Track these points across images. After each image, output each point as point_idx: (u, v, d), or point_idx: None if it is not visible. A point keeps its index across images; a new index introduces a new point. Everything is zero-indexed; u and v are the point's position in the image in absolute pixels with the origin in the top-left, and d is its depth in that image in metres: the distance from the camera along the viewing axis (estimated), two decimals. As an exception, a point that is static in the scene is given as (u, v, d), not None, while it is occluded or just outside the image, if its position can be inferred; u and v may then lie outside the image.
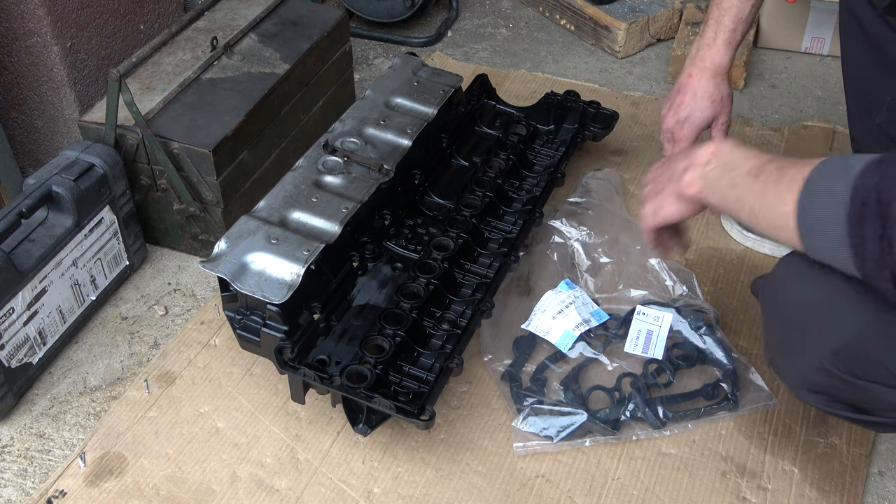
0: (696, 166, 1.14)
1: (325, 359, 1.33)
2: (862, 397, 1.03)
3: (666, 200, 1.20)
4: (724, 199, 1.09)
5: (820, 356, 1.01)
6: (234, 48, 1.77)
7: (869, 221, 0.88)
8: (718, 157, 1.11)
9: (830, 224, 0.92)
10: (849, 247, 0.90)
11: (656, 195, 1.22)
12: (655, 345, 1.44)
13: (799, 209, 0.95)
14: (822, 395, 1.07)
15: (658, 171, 1.25)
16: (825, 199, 0.93)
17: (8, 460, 1.37)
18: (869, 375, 0.99)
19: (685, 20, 2.26)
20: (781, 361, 1.11)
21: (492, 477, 1.32)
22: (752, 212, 1.03)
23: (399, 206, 1.56)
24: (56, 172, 1.47)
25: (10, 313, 1.37)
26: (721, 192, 1.09)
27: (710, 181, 1.11)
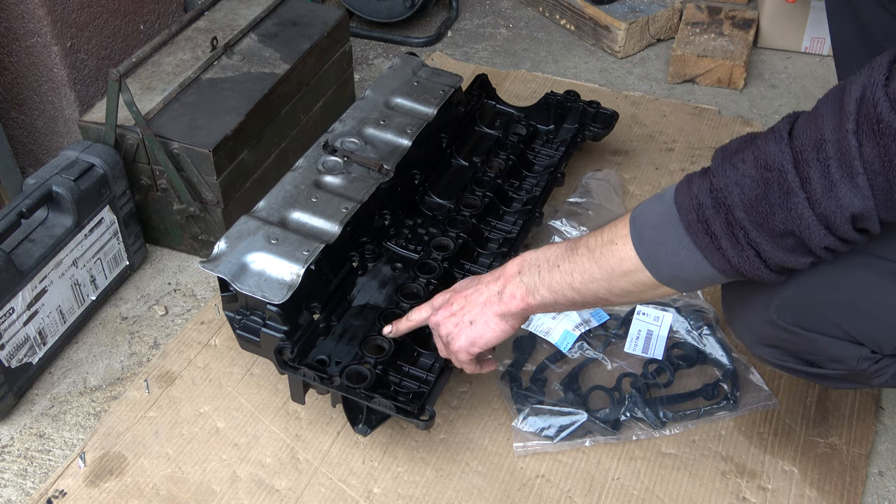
0: (510, 283, 1.13)
1: (325, 359, 1.33)
2: (809, 349, 1.05)
3: (486, 326, 1.16)
4: (553, 290, 1.08)
5: (768, 309, 1.03)
6: (234, 48, 1.77)
7: (711, 218, 0.91)
8: (524, 261, 1.12)
9: (675, 245, 0.95)
10: (701, 250, 0.93)
11: (467, 327, 1.17)
12: (655, 345, 1.44)
13: (637, 250, 0.98)
14: (774, 349, 1.09)
15: (448, 312, 1.20)
16: (655, 224, 0.97)
17: (8, 460, 1.37)
18: (813, 326, 1.02)
19: (685, 20, 2.26)
20: (736, 319, 1.12)
21: (492, 477, 1.32)
22: (590, 281, 1.04)
23: (399, 206, 1.56)
24: (56, 172, 1.47)
25: (10, 313, 1.37)
26: (546, 285, 1.09)
27: (529, 283, 1.11)
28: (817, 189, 0.85)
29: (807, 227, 0.87)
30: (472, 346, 1.19)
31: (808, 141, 0.85)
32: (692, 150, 1.93)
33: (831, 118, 0.84)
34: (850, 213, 0.85)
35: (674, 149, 1.93)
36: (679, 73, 2.17)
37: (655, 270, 0.98)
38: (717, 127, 2.00)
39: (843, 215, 0.85)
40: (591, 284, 1.04)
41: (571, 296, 1.07)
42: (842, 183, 0.83)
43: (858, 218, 0.85)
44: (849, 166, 0.83)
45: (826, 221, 0.86)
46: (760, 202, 0.88)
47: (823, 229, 0.87)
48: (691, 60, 2.15)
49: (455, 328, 1.19)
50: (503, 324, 1.16)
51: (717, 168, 0.92)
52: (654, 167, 1.88)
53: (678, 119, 2.03)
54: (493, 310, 1.15)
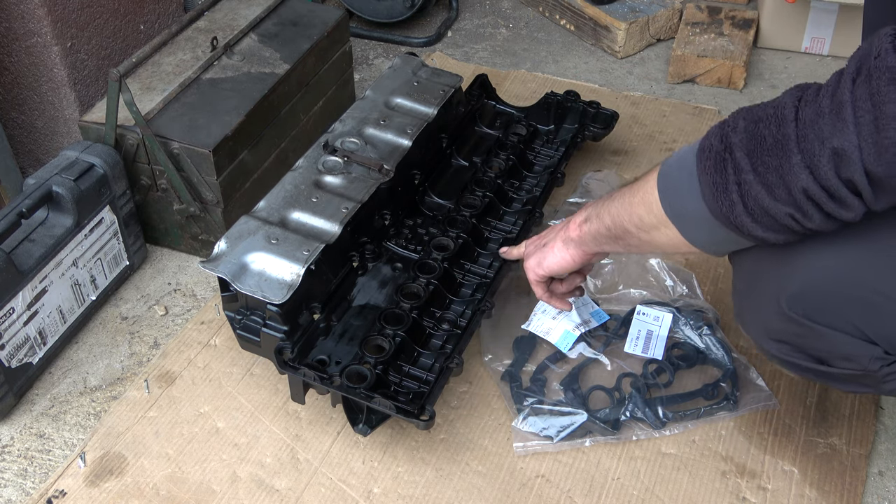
0: (579, 213, 1.23)
1: (325, 359, 1.33)
2: (819, 345, 1.04)
3: (549, 249, 1.27)
4: (601, 217, 1.16)
5: (779, 300, 1.02)
6: (234, 48, 1.77)
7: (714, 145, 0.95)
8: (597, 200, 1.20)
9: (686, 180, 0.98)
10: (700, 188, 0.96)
11: (540, 249, 1.30)
12: (655, 345, 1.44)
13: (658, 180, 1.03)
14: (783, 344, 1.08)
15: (536, 237, 1.34)
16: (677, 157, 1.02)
17: (8, 460, 1.37)
18: (826, 320, 1.00)
19: (685, 20, 2.26)
20: (746, 313, 1.11)
21: (492, 477, 1.32)
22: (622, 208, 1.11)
23: (399, 206, 1.56)
24: (56, 172, 1.47)
25: (10, 313, 1.37)
26: (596, 213, 1.17)
27: (589, 213, 1.20)
28: (805, 121, 0.86)
29: (788, 160, 0.87)
30: (538, 267, 1.30)
31: (812, 88, 0.89)
32: (692, 150, 1.92)
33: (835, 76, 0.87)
34: (831, 147, 0.84)
35: (674, 149, 1.93)
36: (679, 73, 2.17)
37: (665, 202, 1.02)
38: (717, 127, 2.00)
39: (824, 150, 0.84)
40: (623, 212, 1.10)
41: (609, 223, 1.14)
42: (828, 115, 0.84)
43: (840, 157, 0.83)
44: (837, 101, 0.83)
45: (808, 157, 0.86)
46: (755, 135, 0.91)
47: (805, 168, 0.86)
48: (691, 60, 2.15)
49: (533, 249, 1.32)
50: (564, 250, 1.25)
51: (731, 116, 0.97)
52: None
53: (678, 119, 2.03)
54: (560, 234, 1.26)
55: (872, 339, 0.99)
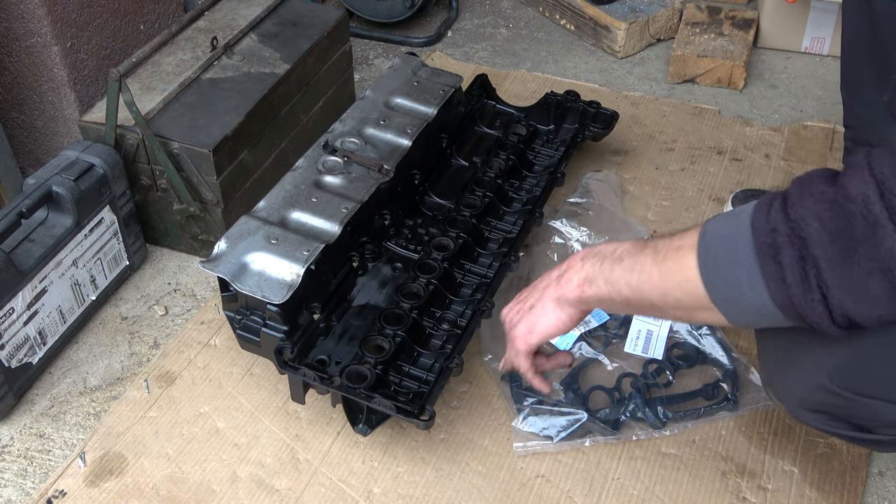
0: (571, 269, 1.08)
1: (325, 359, 1.33)
2: (862, 415, 1.00)
3: (540, 312, 1.12)
4: (610, 283, 1.03)
5: (819, 374, 0.98)
6: (234, 48, 1.77)
7: (783, 246, 0.84)
8: (590, 252, 1.07)
9: (740, 267, 0.88)
10: (764, 278, 0.86)
11: (526, 313, 1.15)
12: (655, 345, 1.44)
13: (700, 262, 0.91)
14: (822, 415, 1.04)
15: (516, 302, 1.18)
16: (724, 241, 0.90)
17: (8, 460, 1.37)
18: (869, 392, 0.96)
19: (685, 20, 2.26)
20: (779, 382, 1.07)
21: (492, 477, 1.32)
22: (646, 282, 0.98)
23: (399, 206, 1.56)
24: (56, 172, 1.47)
25: (10, 313, 1.37)
26: (605, 277, 1.03)
27: (589, 272, 1.05)
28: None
29: (891, 274, 0.78)
30: (529, 335, 1.14)
31: (888, 169, 0.78)
32: (692, 150, 1.93)
33: None
34: None
35: (674, 149, 1.93)
36: (679, 73, 2.17)
37: (712, 287, 0.91)
38: (717, 127, 2.00)
39: None
40: (647, 286, 0.98)
41: (626, 294, 1.01)
42: None
43: None
44: None
45: None
46: (842, 237, 0.80)
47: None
48: (691, 60, 2.15)
49: (517, 315, 1.16)
50: (558, 311, 1.11)
51: (794, 196, 0.84)
52: (654, 167, 1.88)
53: (678, 119, 2.03)
54: (550, 294, 1.11)
55: None
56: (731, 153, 1.92)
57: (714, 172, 1.86)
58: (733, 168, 1.87)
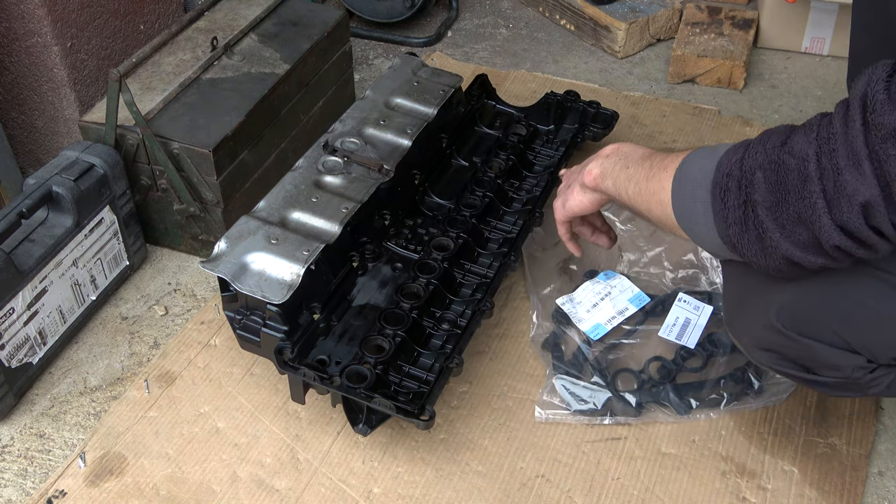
0: (598, 158, 1.23)
1: (325, 359, 1.33)
2: (805, 355, 1.06)
3: (572, 192, 1.28)
4: (616, 185, 1.17)
5: (768, 313, 1.05)
6: (234, 48, 1.77)
7: (732, 189, 0.94)
8: (618, 150, 1.21)
9: (699, 198, 0.99)
10: (713, 214, 0.97)
11: (565, 189, 1.31)
12: (691, 333, 1.45)
13: (673, 188, 1.04)
14: (772, 354, 1.10)
15: (569, 172, 1.34)
16: (694, 176, 1.01)
17: (8, 460, 1.37)
18: (811, 333, 1.03)
19: (685, 20, 2.26)
20: (737, 321, 1.13)
21: (492, 477, 1.32)
22: (637, 195, 1.12)
23: (399, 206, 1.56)
24: (56, 172, 1.47)
25: (10, 313, 1.37)
26: (614, 177, 1.18)
27: (606, 168, 1.20)
28: (830, 179, 0.85)
29: (818, 219, 0.87)
30: (562, 208, 1.31)
31: (825, 134, 0.87)
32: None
33: (842, 111, 0.87)
34: (859, 202, 0.84)
35: (674, 149, 1.93)
36: (679, 73, 2.17)
37: (677, 212, 1.03)
38: (717, 127, 2.00)
39: (853, 206, 0.84)
40: (637, 198, 1.11)
41: (626, 199, 1.15)
42: (847, 170, 0.84)
43: (868, 209, 0.84)
44: (854, 154, 0.84)
45: (839, 216, 0.86)
46: (779, 187, 0.90)
47: (834, 226, 0.86)
48: (691, 60, 2.15)
49: (563, 188, 1.33)
50: (582, 194, 1.26)
51: (753, 145, 0.95)
52: (654, 167, 1.88)
53: (678, 119, 2.03)
54: (578, 178, 1.26)
55: (855, 348, 1.02)
56: (731, 153, 1.92)
57: (714, 172, 1.86)
58: (733, 168, 1.87)
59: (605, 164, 1.20)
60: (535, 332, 1.50)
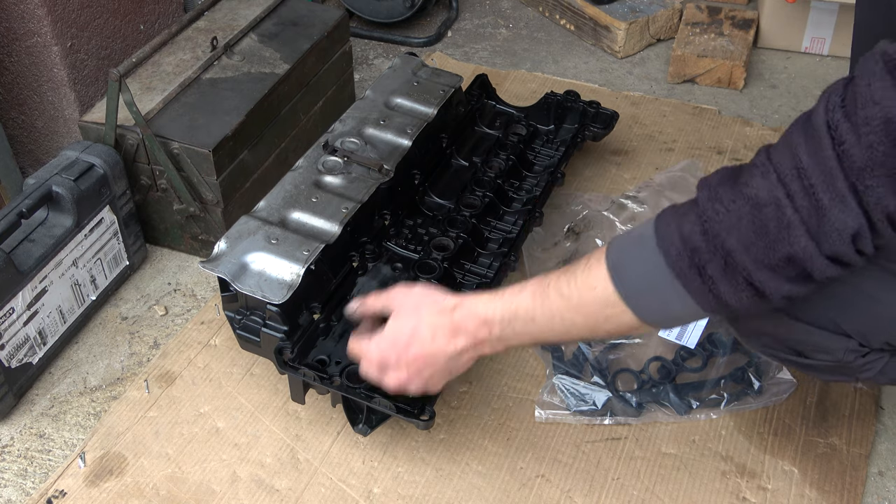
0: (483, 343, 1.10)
1: (325, 359, 1.33)
2: (798, 338, 1.06)
3: (451, 375, 1.14)
4: (534, 339, 1.07)
5: None
6: (234, 48, 1.77)
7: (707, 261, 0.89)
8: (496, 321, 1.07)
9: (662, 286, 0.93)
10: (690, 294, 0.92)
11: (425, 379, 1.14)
12: (691, 334, 1.45)
13: (622, 293, 0.96)
14: (764, 337, 1.09)
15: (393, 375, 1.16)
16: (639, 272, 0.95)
17: (8, 460, 1.37)
18: (804, 316, 1.03)
19: (685, 20, 2.26)
20: None
21: (492, 477, 1.32)
22: (571, 325, 1.02)
23: (399, 206, 1.56)
24: (56, 172, 1.47)
25: (10, 313, 1.37)
26: (524, 336, 1.07)
27: (508, 339, 1.08)
28: (812, 217, 0.83)
29: (810, 259, 0.85)
30: (429, 389, 1.17)
31: (788, 171, 0.85)
32: (692, 150, 1.93)
33: (805, 144, 0.84)
34: (850, 235, 0.83)
35: (674, 149, 1.93)
36: (679, 73, 2.17)
37: (643, 313, 0.97)
38: (717, 127, 2.00)
39: (843, 239, 0.83)
40: (574, 330, 1.03)
41: (554, 339, 1.08)
42: (832, 206, 0.82)
43: (858, 238, 0.83)
44: (836, 190, 0.82)
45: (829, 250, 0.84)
46: (761, 240, 0.86)
47: (826, 260, 0.85)
48: (691, 60, 2.15)
49: (409, 382, 1.16)
50: (448, 378, 1.15)
51: (707, 208, 0.90)
52: (654, 167, 1.88)
53: (678, 119, 2.03)
54: (462, 365, 1.13)
55: (847, 332, 1.02)
56: (731, 153, 1.92)
57: (714, 172, 1.86)
58: (733, 168, 1.87)
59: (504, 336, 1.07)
60: None
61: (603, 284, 0.97)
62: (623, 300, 0.96)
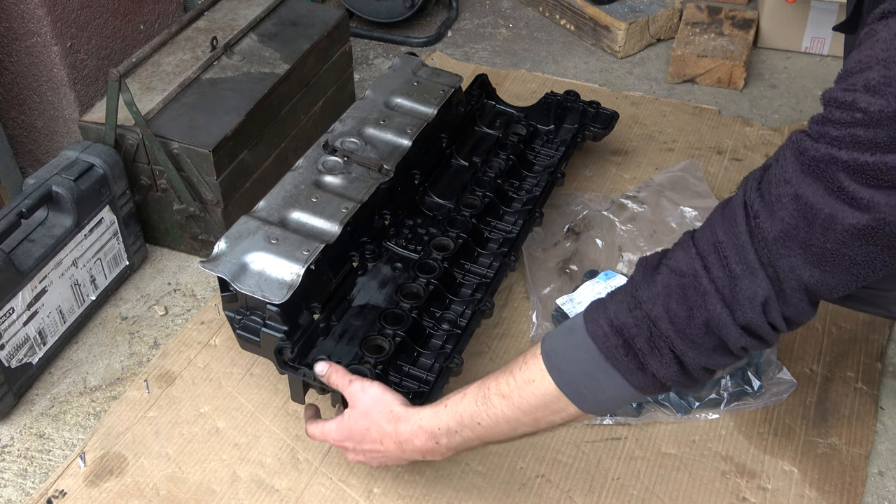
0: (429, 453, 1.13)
1: (325, 359, 1.33)
2: None
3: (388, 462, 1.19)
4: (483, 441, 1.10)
5: None
6: (234, 48, 1.77)
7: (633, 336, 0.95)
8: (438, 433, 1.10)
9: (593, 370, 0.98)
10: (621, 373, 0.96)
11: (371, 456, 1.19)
12: None
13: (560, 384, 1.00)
14: None
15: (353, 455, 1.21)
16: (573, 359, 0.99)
17: (8, 460, 1.37)
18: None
19: (685, 20, 2.26)
20: None
21: (492, 477, 1.32)
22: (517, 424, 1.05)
23: (399, 206, 1.56)
24: (56, 172, 1.47)
25: (10, 313, 1.37)
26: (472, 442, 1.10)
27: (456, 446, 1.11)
28: (725, 286, 0.90)
29: (725, 326, 0.91)
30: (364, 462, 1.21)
31: (707, 246, 0.92)
32: (692, 150, 1.93)
33: (722, 222, 0.92)
34: (760, 303, 0.89)
35: (674, 149, 1.93)
36: (679, 73, 2.17)
37: (581, 402, 1.00)
38: (717, 127, 2.00)
39: (754, 307, 0.90)
40: (520, 428, 1.06)
41: (503, 440, 1.10)
42: (743, 276, 0.89)
43: (767, 307, 0.90)
44: (746, 261, 0.89)
45: (742, 319, 0.91)
46: (681, 307, 0.92)
47: (739, 329, 0.91)
48: (691, 60, 2.15)
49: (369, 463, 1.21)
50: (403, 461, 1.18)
51: (639, 283, 0.96)
52: (654, 167, 1.88)
53: (678, 119, 2.03)
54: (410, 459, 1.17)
55: None
56: (731, 153, 1.92)
57: (714, 172, 1.86)
58: (733, 168, 1.87)
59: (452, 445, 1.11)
60: (535, 332, 1.50)
61: (540, 376, 1.01)
62: (562, 391, 1.00)
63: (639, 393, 0.98)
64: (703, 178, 1.79)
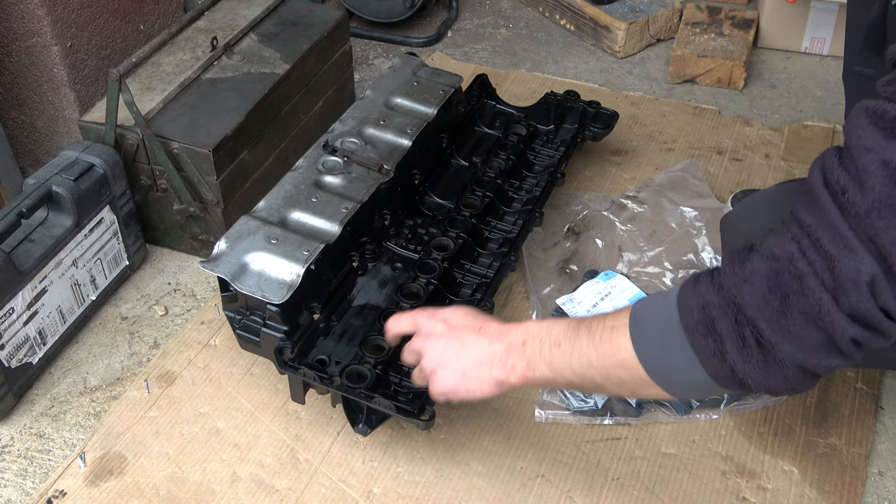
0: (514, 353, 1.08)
1: (325, 359, 1.33)
2: None
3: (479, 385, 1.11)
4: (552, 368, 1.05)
5: None
6: (234, 48, 1.77)
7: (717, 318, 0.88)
8: (530, 334, 1.07)
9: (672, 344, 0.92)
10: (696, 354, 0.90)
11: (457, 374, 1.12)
12: None
13: (636, 345, 0.95)
14: None
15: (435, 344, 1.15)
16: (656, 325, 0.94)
17: (8, 460, 1.37)
18: None
19: (685, 20, 2.26)
20: None
21: (492, 477, 1.32)
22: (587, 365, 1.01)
23: (399, 206, 1.56)
24: (56, 172, 1.47)
25: (10, 313, 1.37)
26: (546, 363, 1.05)
27: (531, 359, 1.07)
28: (824, 269, 0.82)
29: (827, 314, 0.82)
30: (454, 394, 1.13)
31: (797, 231, 0.85)
32: (692, 150, 1.93)
33: (805, 207, 0.85)
34: (865, 282, 0.80)
35: (674, 149, 1.93)
36: (679, 73, 2.17)
37: (648, 366, 0.95)
38: (717, 127, 2.00)
39: (860, 289, 0.81)
40: (589, 370, 1.01)
41: (570, 377, 1.04)
42: (841, 256, 0.81)
43: (875, 288, 0.81)
44: (842, 238, 0.81)
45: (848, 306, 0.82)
46: (774, 294, 0.85)
47: (845, 316, 0.82)
48: (691, 60, 2.15)
49: (443, 370, 1.13)
50: (496, 389, 1.11)
51: (727, 267, 0.89)
52: (654, 167, 1.88)
53: (678, 119, 2.03)
54: (493, 374, 1.10)
55: None
56: (731, 153, 1.92)
57: (714, 172, 1.86)
58: (733, 168, 1.88)
59: (529, 353, 1.07)
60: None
61: (622, 328, 0.97)
62: (634, 348, 0.95)
63: (713, 383, 0.91)
64: (703, 178, 1.79)
